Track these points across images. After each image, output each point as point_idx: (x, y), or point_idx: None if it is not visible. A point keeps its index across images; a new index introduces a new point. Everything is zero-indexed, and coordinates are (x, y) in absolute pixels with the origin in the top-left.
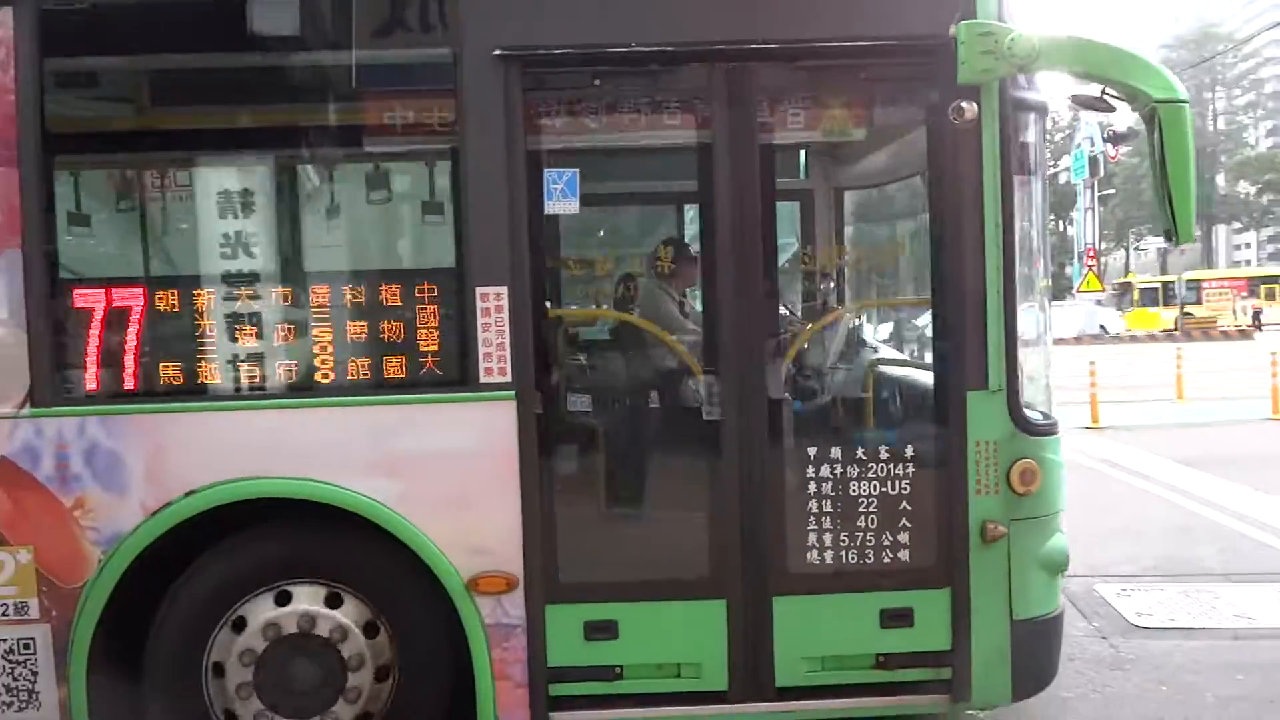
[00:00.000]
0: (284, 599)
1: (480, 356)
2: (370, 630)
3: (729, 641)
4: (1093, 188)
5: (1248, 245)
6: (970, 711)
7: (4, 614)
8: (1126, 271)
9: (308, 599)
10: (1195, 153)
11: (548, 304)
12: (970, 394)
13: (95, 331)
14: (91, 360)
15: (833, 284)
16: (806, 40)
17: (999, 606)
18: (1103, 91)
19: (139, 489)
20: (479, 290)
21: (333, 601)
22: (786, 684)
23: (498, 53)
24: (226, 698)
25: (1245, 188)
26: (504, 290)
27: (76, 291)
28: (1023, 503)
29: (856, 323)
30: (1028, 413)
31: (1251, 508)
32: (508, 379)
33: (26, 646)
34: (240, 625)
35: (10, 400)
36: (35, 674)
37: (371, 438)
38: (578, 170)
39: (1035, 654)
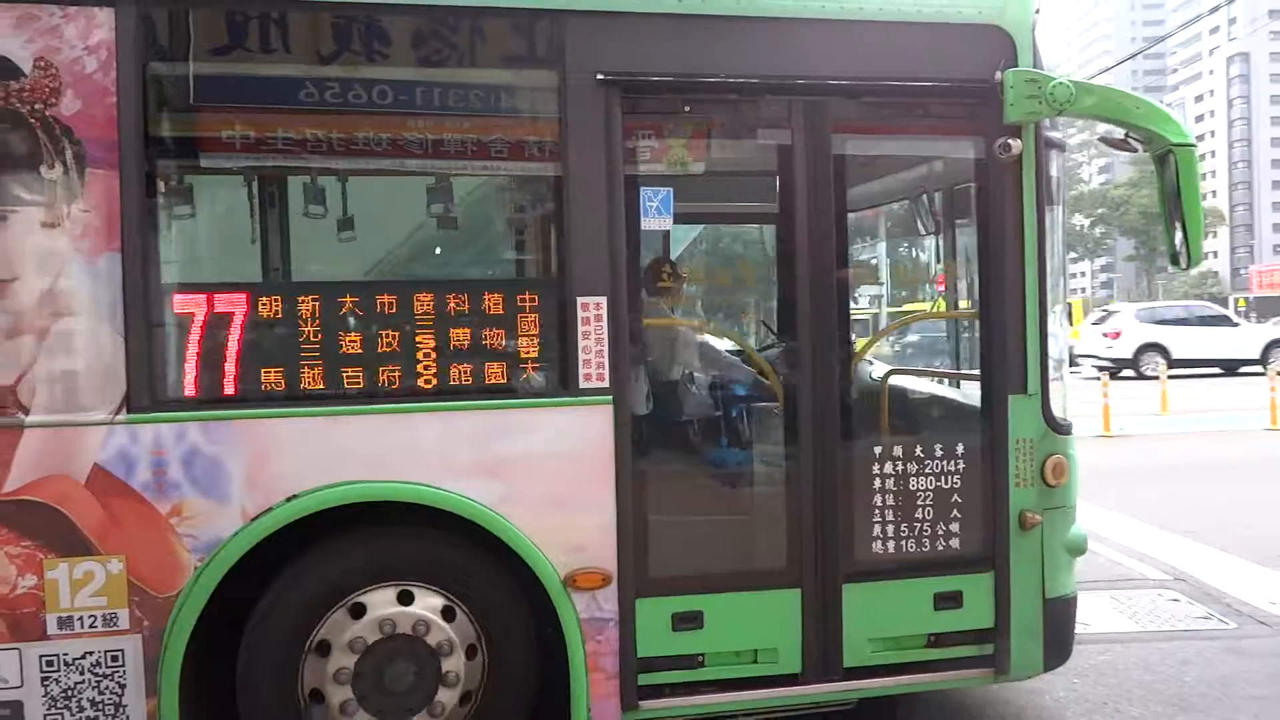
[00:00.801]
0: (405, 598)
1: (580, 363)
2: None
3: (803, 627)
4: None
5: (1082, 274)
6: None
7: (92, 625)
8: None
9: (422, 603)
10: None
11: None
12: (1011, 397)
13: (195, 337)
14: (191, 365)
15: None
16: (873, 79)
17: (1034, 587)
18: (1126, 135)
19: (240, 495)
20: (580, 300)
21: (406, 599)
22: (852, 664)
23: (600, 78)
24: (321, 678)
25: (1080, 220)
26: (603, 300)
27: (176, 296)
28: (1053, 494)
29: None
30: (1055, 414)
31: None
32: (605, 384)
33: (115, 659)
34: (358, 612)
35: (105, 407)
36: (123, 687)
37: (474, 442)
38: (671, 189)
39: (1062, 629)
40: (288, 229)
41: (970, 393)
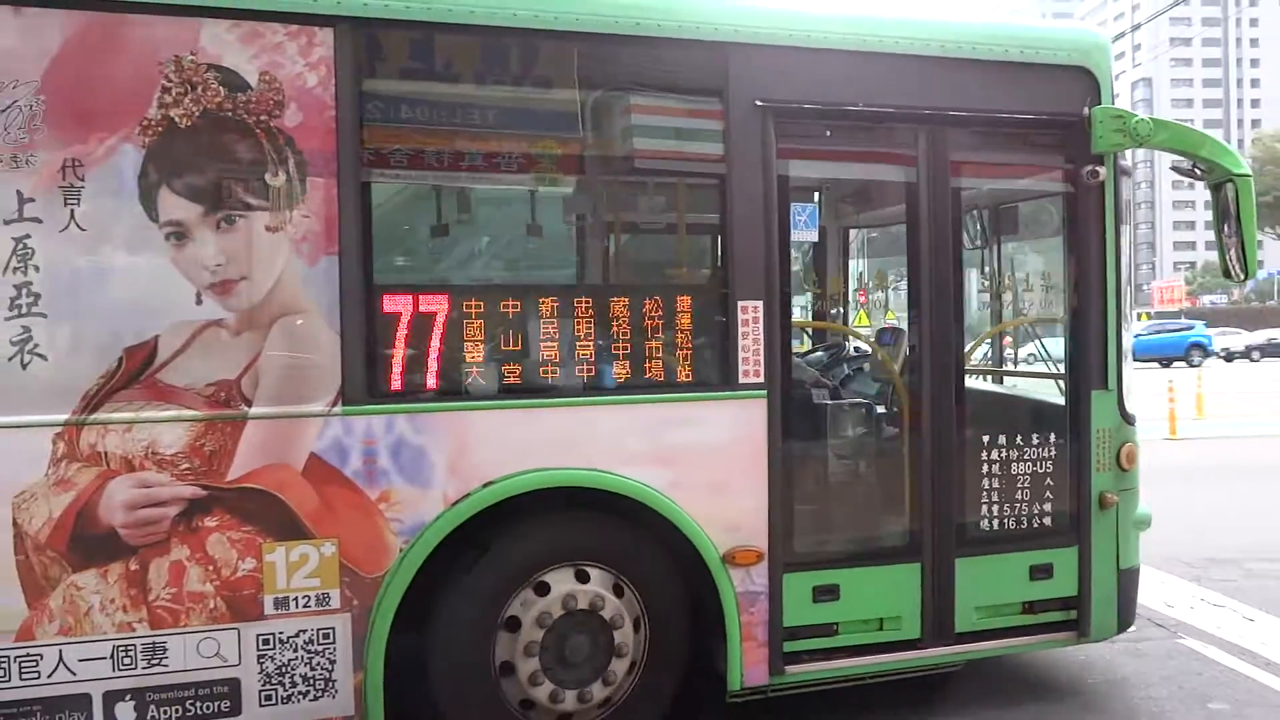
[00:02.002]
0: (581, 576)
1: (740, 360)
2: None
3: (922, 597)
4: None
5: None
6: None
7: (306, 605)
8: (886, 311)
9: (599, 581)
10: None
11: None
12: (1094, 393)
13: (402, 335)
14: (398, 362)
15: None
16: (980, 111)
17: (1111, 559)
18: (1193, 165)
19: (442, 481)
20: (740, 304)
21: (582, 578)
22: (963, 629)
23: (758, 103)
24: (512, 651)
25: None
26: (759, 304)
27: (386, 297)
28: (1125, 477)
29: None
30: (1127, 408)
31: None
32: (760, 380)
33: (326, 636)
34: (543, 590)
35: (321, 399)
36: (333, 663)
37: (647, 432)
38: (816, 205)
39: (1131, 596)
40: (483, 236)
41: (1056, 389)
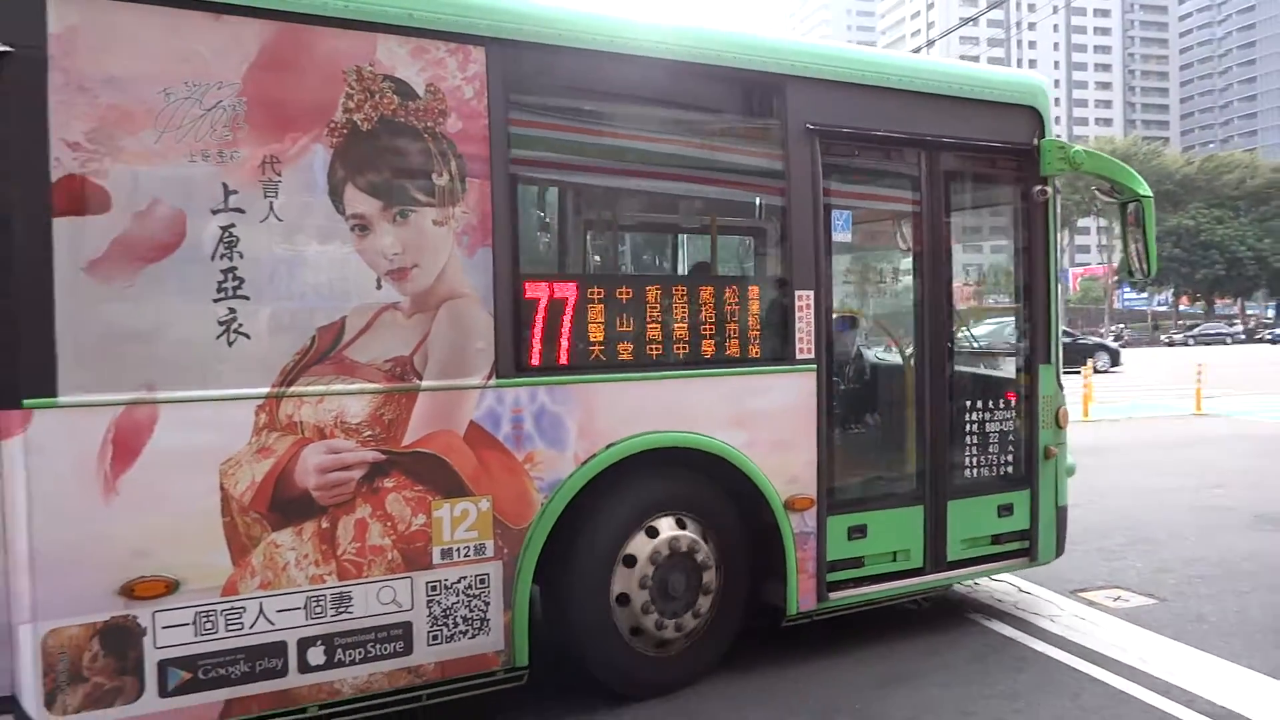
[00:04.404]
0: (679, 524)
1: (797, 339)
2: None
3: (924, 533)
4: None
5: None
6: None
7: (466, 555)
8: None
9: (693, 528)
10: None
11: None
12: (1040, 366)
13: (541, 317)
14: (539, 340)
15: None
16: (962, 139)
17: (1052, 499)
18: (1111, 187)
19: (574, 444)
20: (797, 293)
21: (680, 525)
22: (952, 559)
23: (809, 127)
24: (628, 584)
25: None
26: (811, 293)
27: (528, 284)
28: (1060, 434)
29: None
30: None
31: None
32: (811, 356)
33: (482, 581)
34: (652, 533)
35: (479, 373)
36: (487, 604)
37: (728, 400)
38: (850, 212)
39: (1064, 528)
40: (606, 232)
41: (1010, 365)
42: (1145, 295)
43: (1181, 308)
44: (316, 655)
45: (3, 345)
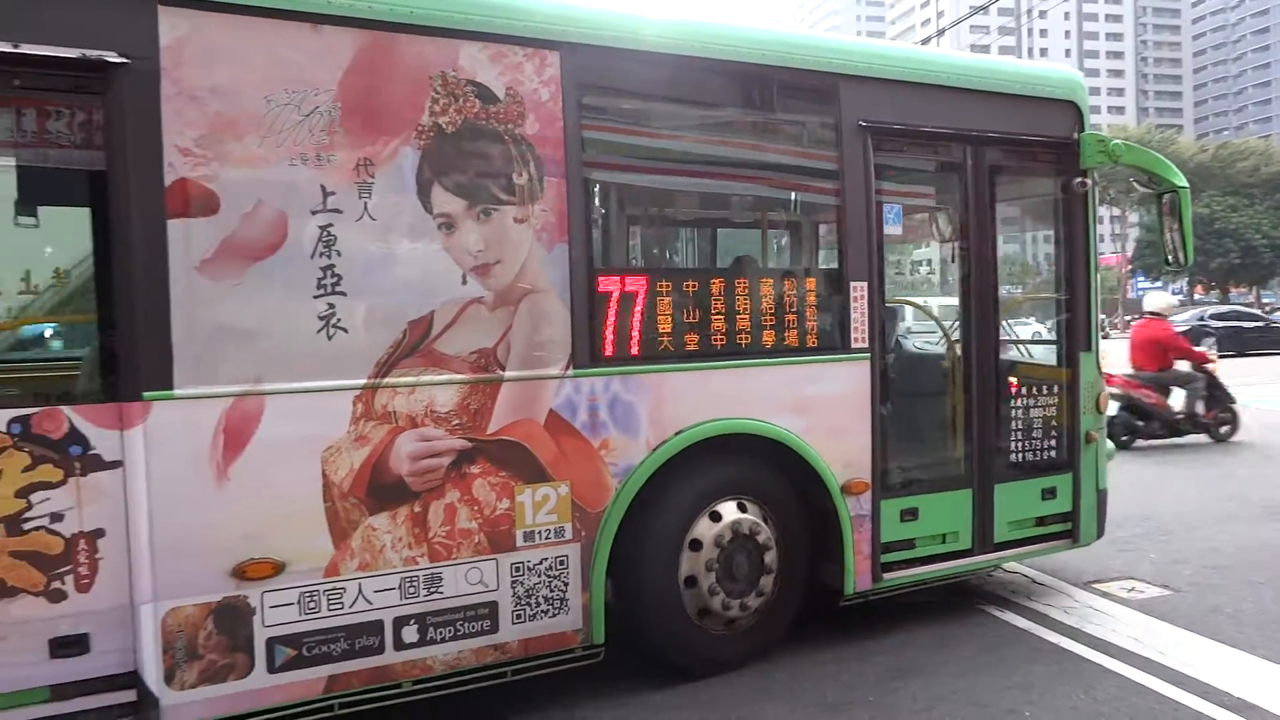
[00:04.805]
0: (741, 507)
1: (852, 329)
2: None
3: (972, 515)
4: None
5: None
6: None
7: (547, 537)
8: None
9: (754, 511)
10: None
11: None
12: (1081, 353)
13: (614, 309)
14: (612, 331)
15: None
16: (1006, 133)
17: (1093, 482)
18: (1149, 178)
19: (645, 431)
20: (852, 284)
21: (742, 509)
22: (999, 540)
23: (861, 124)
24: (695, 566)
25: None
26: (865, 284)
27: (601, 278)
28: (1100, 419)
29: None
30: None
31: None
32: (865, 345)
33: (562, 563)
34: (716, 518)
35: (558, 364)
36: (566, 585)
37: (789, 388)
38: (900, 206)
39: (1104, 511)
40: (670, 227)
41: (1053, 353)
42: (1159, 284)
43: (1196, 296)
44: (410, 633)
45: (124, 341)
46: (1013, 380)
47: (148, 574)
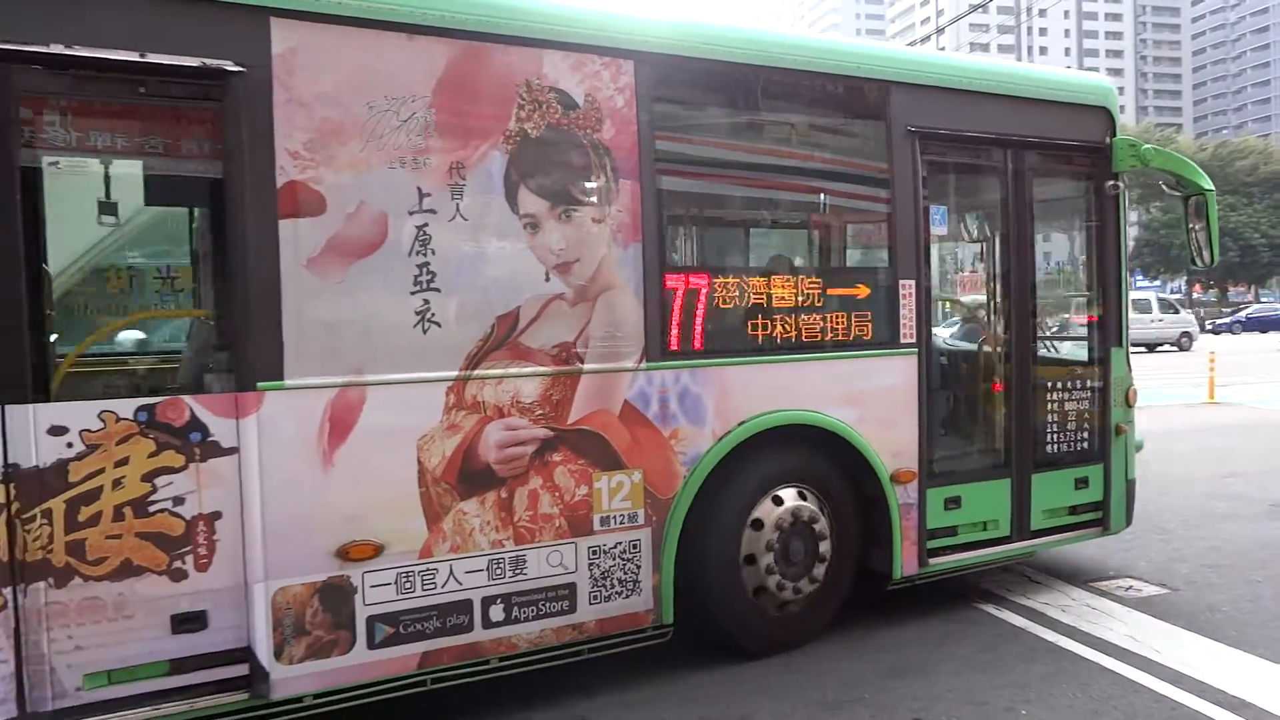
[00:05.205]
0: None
1: (902, 325)
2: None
3: (1011, 504)
4: None
5: None
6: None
7: (621, 522)
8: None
9: (811, 499)
10: None
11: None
12: (1112, 349)
13: (681, 305)
14: (680, 327)
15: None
16: (1043, 138)
17: (1123, 472)
18: (1177, 181)
19: (712, 421)
20: (902, 282)
21: (801, 496)
22: (1035, 528)
23: (910, 129)
24: (755, 546)
25: None
26: (913, 282)
27: (669, 276)
28: (1129, 412)
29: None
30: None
31: None
32: (914, 340)
33: (634, 546)
34: (778, 502)
35: (632, 357)
36: (639, 567)
37: (843, 381)
38: (945, 208)
39: (1133, 500)
40: (735, 228)
41: (1085, 349)
42: (1158, 283)
43: (1194, 295)
44: (497, 612)
45: (240, 335)
46: (1048, 374)
47: (260, 554)
